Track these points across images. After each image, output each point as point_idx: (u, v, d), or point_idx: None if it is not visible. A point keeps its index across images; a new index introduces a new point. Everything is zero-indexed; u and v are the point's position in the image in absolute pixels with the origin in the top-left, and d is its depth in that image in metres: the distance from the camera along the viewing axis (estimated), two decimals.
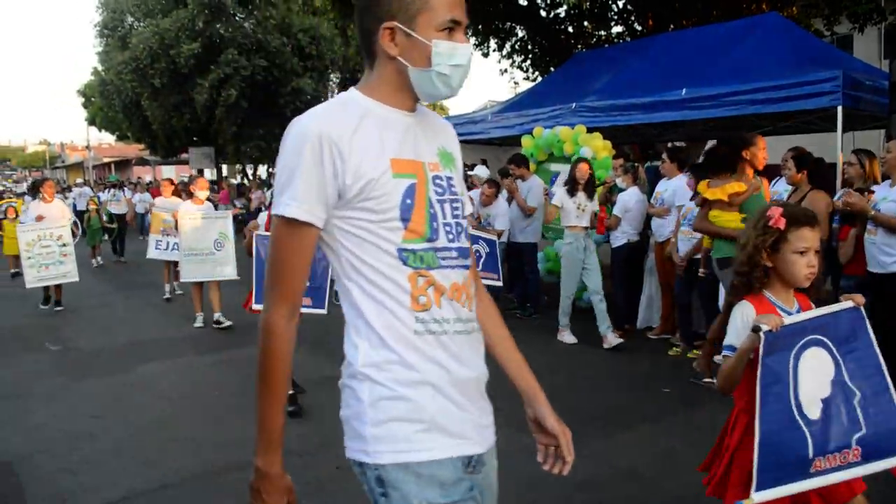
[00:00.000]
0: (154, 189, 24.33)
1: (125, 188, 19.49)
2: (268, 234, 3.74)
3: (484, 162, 14.43)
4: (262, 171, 30.95)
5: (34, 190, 9.14)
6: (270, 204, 1.81)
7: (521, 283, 8.92)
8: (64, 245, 8.69)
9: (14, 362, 7.14)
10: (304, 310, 3.75)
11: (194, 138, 26.09)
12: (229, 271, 8.27)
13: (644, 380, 6.14)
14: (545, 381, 1.81)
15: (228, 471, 4.33)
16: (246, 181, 26.70)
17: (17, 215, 15.18)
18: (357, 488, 4.16)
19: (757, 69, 7.75)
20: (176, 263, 9.22)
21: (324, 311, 5.27)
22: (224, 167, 30.52)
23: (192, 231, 8.16)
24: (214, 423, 5.23)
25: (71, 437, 5.04)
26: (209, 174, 30.61)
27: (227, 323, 8.31)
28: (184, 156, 28.82)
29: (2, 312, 10.03)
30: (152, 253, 9.84)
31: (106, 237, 15.63)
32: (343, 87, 26.08)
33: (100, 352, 7.51)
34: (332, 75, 25.52)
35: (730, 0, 12.85)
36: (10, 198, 24.76)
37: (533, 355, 6.54)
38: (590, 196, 7.31)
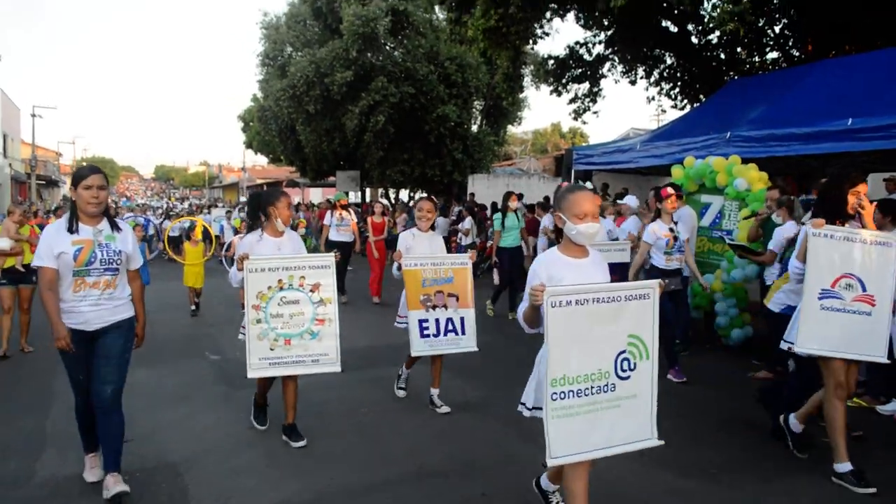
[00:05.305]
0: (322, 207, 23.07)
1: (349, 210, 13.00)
2: None
3: (625, 191, 14.15)
4: (404, 194, 31.77)
5: (258, 216, 5.41)
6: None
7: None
8: (322, 302, 5.12)
9: (178, 370, 7.53)
10: None
11: (341, 162, 27.15)
12: (646, 431, 3.30)
13: None
14: (689, 422, 1.76)
15: (377, 488, 4.42)
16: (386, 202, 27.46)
17: (204, 238, 12.54)
18: None
19: None
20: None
21: None
22: (368, 190, 31.57)
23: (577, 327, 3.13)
24: (362, 439, 5.38)
25: (232, 442, 5.31)
26: (353, 197, 31.79)
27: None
28: (331, 179, 30.09)
29: (165, 322, 10.35)
30: (418, 345, 5.81)
31: None
32: (486, 114, 26.43)
33: None
34: (475, 102, 25.94)
35: None
36: (190, 215, 23.44)
37: (673, 390, 6.22)
38: None
